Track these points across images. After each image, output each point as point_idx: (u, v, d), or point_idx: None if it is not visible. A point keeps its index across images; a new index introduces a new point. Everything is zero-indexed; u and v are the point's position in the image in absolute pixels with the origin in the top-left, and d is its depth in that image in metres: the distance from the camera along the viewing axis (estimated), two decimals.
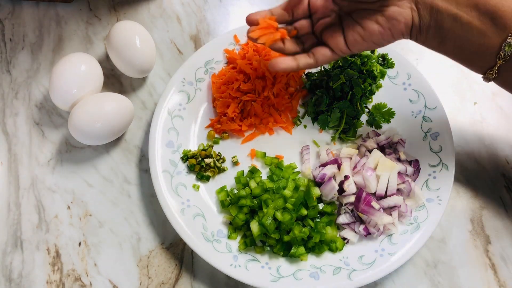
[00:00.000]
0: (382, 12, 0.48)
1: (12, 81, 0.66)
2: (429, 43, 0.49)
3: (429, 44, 0.49)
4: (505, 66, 0.47)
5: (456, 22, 0.46)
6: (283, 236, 0.54)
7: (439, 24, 0.47)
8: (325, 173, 0.58)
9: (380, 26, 0.48)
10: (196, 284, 0.56)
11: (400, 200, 0.56)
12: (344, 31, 0.51)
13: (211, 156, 0.60)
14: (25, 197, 0.60)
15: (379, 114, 0.62)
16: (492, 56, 0.46)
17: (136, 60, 0.62)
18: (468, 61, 0.49)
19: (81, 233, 0.58)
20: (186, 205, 0.57)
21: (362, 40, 0.49)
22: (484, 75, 0.49)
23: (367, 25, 0.49)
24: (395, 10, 0.47)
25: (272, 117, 0.63)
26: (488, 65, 0.47)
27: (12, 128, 0.64)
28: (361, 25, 0.49)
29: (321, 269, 0.54)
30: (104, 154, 0.63)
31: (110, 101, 0.59)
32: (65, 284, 0.56)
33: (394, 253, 0.54)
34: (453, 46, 0.48)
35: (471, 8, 0.45)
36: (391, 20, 0.47)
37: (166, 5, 0.72)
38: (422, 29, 0.48)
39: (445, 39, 0.48)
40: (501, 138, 0.65)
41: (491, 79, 0.49)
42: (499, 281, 0.57)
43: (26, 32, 0.69)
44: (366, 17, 0.49)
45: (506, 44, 0.45)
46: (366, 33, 0.49)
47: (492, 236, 0.59)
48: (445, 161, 0.59)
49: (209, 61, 0.65)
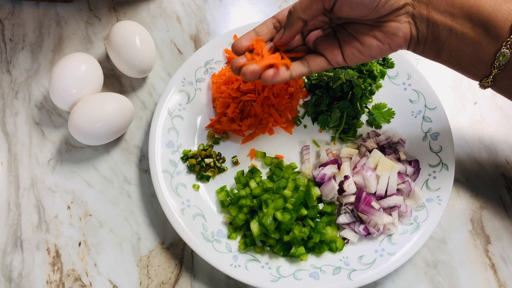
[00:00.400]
0: (380, 28, 0.47)
1: (12, 81, 0.66)
2: (426, 54, 0.50)
3: (426, 54, 0.50)
4: (500, 74, 0.47)
5: (452, 34, 0.46)
6: (283, 236, 0.54)
7: (436, 36, 0.47)
8: (325, 173, 0.58)
9: (379, 41, 0.48)
10: (196, 284, 0.56)
11: (400, 200, 0.56)
12: (341, 45, 0.50)
13: (211, 156, 0.60)
14: (25, 197, 0.60)
15: (379, 114, 0.63)
16: (487, 65, 0.47)
17: (136, 60, 0.62)
18: (464, 70, 0.49)
19: (81, 233, 0.58)
20: (186, 205, 0.57)
21: (360, 54, 0.49)
22: (480, 82, 0.49)
23: (365, 41, 0.48)
24: (394, 25, 0.47)
25: (272, 117, 0.63)
26: (484, 73, 0.48)
27: (12, 128, 0.64)
28: (359, 40, 0.49)
29: (321, 269, 0.54)
30: (104, 154, 0.63)
31: (110, 101, 0.59)
32: (65, 284, 0.56)
33: (394, 253, 0.54)
34: (449, 56, 0.49)
35: (465, 20, 0.46)
36: (390, 36, 0.47)
37: (166, 5, 0.72)
38: (420, 41, 0.48)
39: (442, 50, 0.48)
40: (501, 138, 0.65)
41: (487, 87, 0.49)
42: (499, 281, 0.57)
43: (26, 32, 0.69)
44: (364, 32, 0.48)
45: (500, 54, 0.45)
46: (365, 48, 0.49)
47: (492, 236, 0.59)
48: (445, 161, 0.59)
49: (209, 61, 0.65)
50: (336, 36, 0.51)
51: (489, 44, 0.45)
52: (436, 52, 0.49)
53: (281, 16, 0.52)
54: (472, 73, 0.49)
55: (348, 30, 0.50)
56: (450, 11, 0.46)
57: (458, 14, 0.45)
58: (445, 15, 0.46)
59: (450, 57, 0.49)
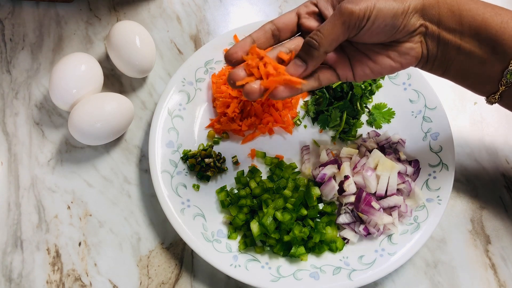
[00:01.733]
0: (394, 48, 0.47)
1: (12, 81, 0.66)
2: (434, 71, 0.50)
3: (434, 72, 0.50)
4: (507, 91, 0.47)
5: (460, 52, 0.46)
6: (283, 236, 0.54)
7: (445, 55, 0.47)
8: (325, 173, 0.58)
9: (392, 60, 0.47)
10: (196, 284, 0.56)
11: (400, 200, 0.56)
12: (351, 62, 0.48)
13: (211, 156, 0.60)
14: (25, 197, 0.60)
15: (379, 114, 0.63)
16: (494, 83, 0.47)
17: (136, 60, 0.62)
18: (471, 86, 0.49)
19: (81, 233, 0.58)
20: (186, 205, 0.57)
21: (371, 72, 0.48)
22: (487, 98, 0.49)
23: (378, 59, 0.47)
24: (408, 45, 0.46)
25: (272, 117, 0.63)
26: (491, 90, 0.48)
27: (12, 128, 0.64)
28: (371, 58, 0.47)
29: (321, 269, 0.54)
30: (104, 154, 0.63)
31: (110, 101, 0.59)
32: (65, 284, 0.56)
33: (394, 253, 0.54)
34: (457, 74, 0.49)
35: (473, 38, 0.45)
36: (403, 55, 0.47)
37: (166, 5, 0.72)
38: (429, 60, 0.48)
39: (450, 68, 0.48)
40: (501, 138, 0.65)
41: (494, 103, 0.49)
42: (499, 281, 0.57)
43: (26, 32, 0.69)
44: (377, 51, 0.47)
45: (508, 72, 0.45)
46: (377, 67, 0.47)
47: (492, 236, 0.59)
48: (445, 161, 0.59)
49: (209, 61, 0.65)
50: (343, 50, 0.49)
51: (497, 62, 0.46)
52: (444, 69, 0.49)
53: (280, 22, 0.48)
54: (479, 90, 0.49)
55: (359, 47, 0.48)
56: (459, 30, 0.46)
57: (466, 32, 0.45)
58: (455, 34, 0.46)
59: (457, 74, 0.49)
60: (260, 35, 0.47)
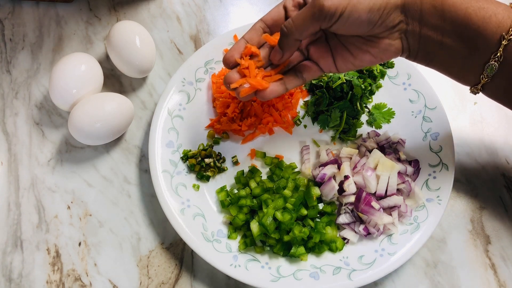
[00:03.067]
0: (373, 43, 0.48)
1: (12, 81, 0.66)
2: (418, 62, 0.51)
3: (419, 63, 0.51)
4: (489, 83, 0.48)
5: (442, 47, 0.47)
6: (283, 236, 0.54)
7: (426, 50, 0.48)
8: (325, 173, 0.58)
9: (371, 55, 0.49)
10: (196, 284, 0.56)
11: (400, 200, 0.56)
12: (333, 54, 0.50)
13: (211, 156, 0.60)
14: (25, 197, 0.60)
15: (379, 114, 0.63)
16: (476, 75, 0.48)
17: (136, 60, 0.62)
18: (455, 77, 0.50)
19: (81, 233, 0.58)
20: (186, 205, 0.57)
21: (352, 65, 0.50)
22: (470, 89, 0.50)
23: (358, 54, 0.49)
24: (387, 42, 0.48)
25: (272, 117, 0.63)
26: (474, 81, 0.49)
27: (12, 128, 0.64)
28: (351, 52, 0.49)
29: (321, 269, 0.54)
30: (104, 154, 0.63)
31: (110, 101, 0.59)
32: (65, 284, 0.56)
33: (394, 253, 0.54)
34: (440, 65, 0.50)
35: (455, 33, 0.46)
36: (382, 51, 0.48)
37: (166, 5, 0.72)
38: (411, 54, 0.49)
39: (432, 61, 0.49)
40: (501, 138, 0.65)
41: (477, 93, 0.50)
42: (499, 281, 0.57)
43: (26, 32, 0.69)
44: (357, 46, 0.49)
45: (488, 66, 0.46)
46: (357, 61, 0.49)
47: (492, 236, 0.59)
48: (445, 161, 0.59)
49: (209, 61, 0.65)
50: (327, 41, 0.51)
51: (478, 56, 0.46)
52: (428, 62, 0.50)
53: (269, 19, 0.50)
54: (463, 81, 0.50)
55: (341, 39, 0.50)
56: (441, 26, 0.46)
57: (448, 28, 0.46)
58: (436, 30, 0.46)
59: (441, 66, 0.50)
60: (253, 35, 0.50)
